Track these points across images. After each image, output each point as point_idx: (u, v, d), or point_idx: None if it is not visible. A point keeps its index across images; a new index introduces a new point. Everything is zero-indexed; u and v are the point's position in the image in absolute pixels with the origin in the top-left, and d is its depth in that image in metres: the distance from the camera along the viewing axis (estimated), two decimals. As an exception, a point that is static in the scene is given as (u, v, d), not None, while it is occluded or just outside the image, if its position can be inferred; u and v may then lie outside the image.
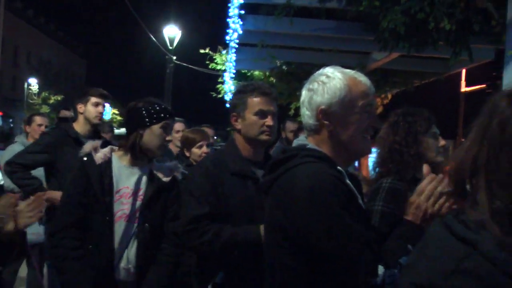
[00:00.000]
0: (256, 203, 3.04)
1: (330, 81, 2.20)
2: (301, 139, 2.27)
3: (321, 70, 2.27)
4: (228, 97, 15.74)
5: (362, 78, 2.24)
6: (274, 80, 13.56)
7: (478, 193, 1.25)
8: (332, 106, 2.17)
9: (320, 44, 10.42)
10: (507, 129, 1.22)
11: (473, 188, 1.28)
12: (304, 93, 2.27)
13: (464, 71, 15.02)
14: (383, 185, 2.94)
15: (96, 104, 5.22)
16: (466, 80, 16.12)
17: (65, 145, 5.04)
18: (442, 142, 3.07)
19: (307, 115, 2.25)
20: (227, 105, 17.05)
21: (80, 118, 5.27)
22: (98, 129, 5.54)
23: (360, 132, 2.19)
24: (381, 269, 1.95)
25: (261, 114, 3.19)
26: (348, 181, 2.12)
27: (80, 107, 5.24)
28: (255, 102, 3.19)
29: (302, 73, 13.44)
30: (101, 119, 5.32)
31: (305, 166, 2.07)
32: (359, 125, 2.18)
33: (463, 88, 16.38)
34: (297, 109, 13.92)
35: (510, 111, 1.24)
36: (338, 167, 2.13)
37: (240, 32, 9.12)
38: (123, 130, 3.55)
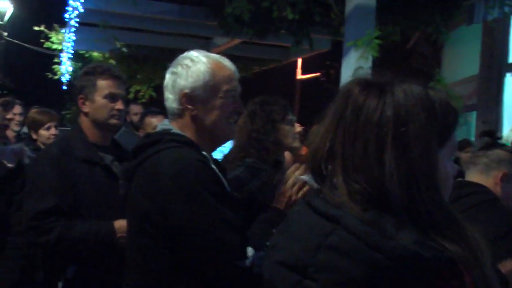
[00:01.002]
0: (105, 189, 2.94)
1: (194, 64, 2.17)
2: (165, 124, 2.22)
3: (185, 54, 2.24)
4: (65, 78, 15.07)
5: (226, 62, 2.23)
6: (114, 62, 13.21)
7: (335, 177, 1.30)
8: (196, 90, 2.15)
9: (163, 27, 10.31)
10: (360, 117, 1.27)
11: (330, 172, 1.33)
12: (167, 76, 2.22)
13: (300, 59, 15.66)
14: (246, 162, 2.97)
15: None
16: (301, 68, 16.81)
17: None
18: (298, 128, 3.16)
19: (170, 98, 2.20)
20: (64, 87, 16.35)
21: None
22: None
23: (224, 117, 2.19)
24: (250, 251, 1.97)
25: (111, 97, 3.05)
26: (213, 166, 2.12)
27: None
28: (105, 84, 3.05)
29: (142, 56, 13.26)
30: None
31: (170, 151, 2.04)
32: (223, 110, 2.18)
33: (299, 76, 17.08)
34: (136, 92, 13.72)
35: (363, 99, 1.29)
36: (203, 152, 2.12)
37: (81, 10, 8.76)
38: None
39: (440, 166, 1.25)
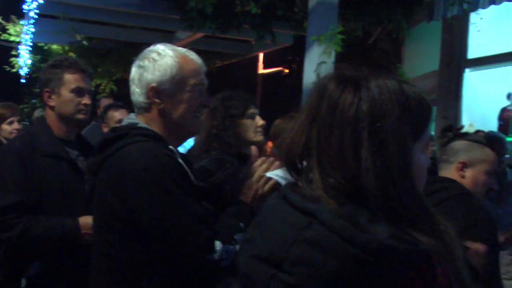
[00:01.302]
0: (71, 185, 2.90)
1: (161, 58, 2.15)
2: (132, 117, 2.20)
3: (151, 47, 2.21)
4: (23, 71, 14.79)
5: (193, 56, 2.22)
6: (74, 56, 13.00)
7: (311, 172, 1.30)
8: (163, 83, 2.13)
9: (125, 20, 10.19)
10: (336, 111, 1.27)
11: (306, 167, 1.32)
12: (134, 70, 2.19)
13: (261, 54, 15.69)
14: (211, 154, 2.97)
15: None
16: (263, 62, 16.84)
17: None
18: (260, 122, 3.15)
19: (137, 92, 2.17)
20: (22, 80, 16.05)
21: None
22: None
23: (191, 111, 2.18)
24: (218, 245, 1.97)
25: (78, 91, 3.00)
26: (180, 160, 2.11)
27: None
28: (72, 78, 2.99)
29: (103, 49, 13.07)
30: None
31: (137, 146, 2.01)
32: (190, 104, 2.16)
33: (261, 70, 17.11)
34: (97, 86, 13.56)
35: (338, 94, 1.28)
36: (170, 146, 2.11)
37: (41, 1, 8.60)
38: None
39: (415, 160, 1.27)
